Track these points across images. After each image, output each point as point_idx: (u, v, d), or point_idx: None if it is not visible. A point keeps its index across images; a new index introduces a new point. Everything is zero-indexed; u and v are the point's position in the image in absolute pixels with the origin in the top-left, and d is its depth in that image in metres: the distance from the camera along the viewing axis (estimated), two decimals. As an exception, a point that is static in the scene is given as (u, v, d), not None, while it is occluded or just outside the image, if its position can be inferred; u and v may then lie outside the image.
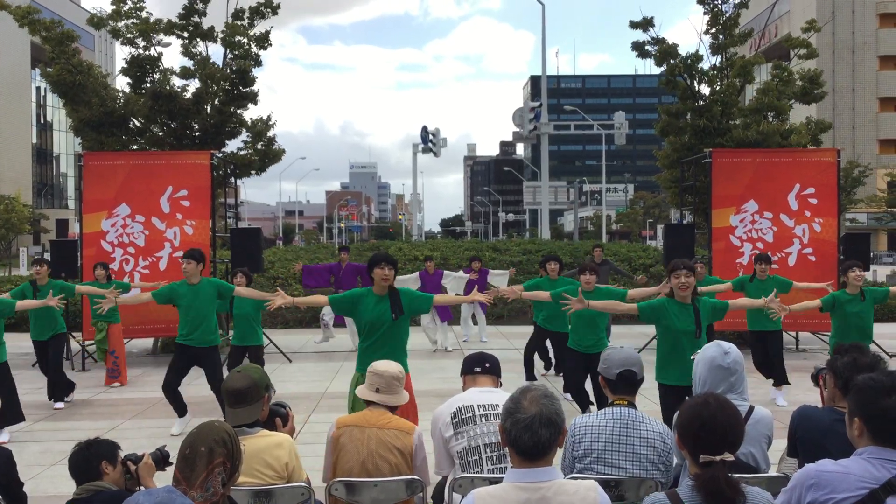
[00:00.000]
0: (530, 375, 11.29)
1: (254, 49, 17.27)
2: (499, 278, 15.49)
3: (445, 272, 15.61)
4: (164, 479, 3.53)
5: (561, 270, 11.21)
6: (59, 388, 10.29)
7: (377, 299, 6.31)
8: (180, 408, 8.93)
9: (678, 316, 6.41)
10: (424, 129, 44.64)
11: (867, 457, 2.88)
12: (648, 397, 9.80)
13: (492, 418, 4.23)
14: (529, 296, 9.32)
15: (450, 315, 15.55)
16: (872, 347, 8.61)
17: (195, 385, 10.73)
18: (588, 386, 8.99)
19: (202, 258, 8.76)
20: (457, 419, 4.31)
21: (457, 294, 14.77)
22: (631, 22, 18.22)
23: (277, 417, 4.25)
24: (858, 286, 8.39)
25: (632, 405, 4.09)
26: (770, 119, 17.75)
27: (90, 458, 3.75)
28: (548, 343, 11.69)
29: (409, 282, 15.25)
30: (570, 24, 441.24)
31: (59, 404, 10.25)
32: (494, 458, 4.18)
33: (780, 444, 4.44)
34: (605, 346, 8.89)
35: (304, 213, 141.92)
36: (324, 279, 14.96)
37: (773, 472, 4.18)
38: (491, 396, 4.37)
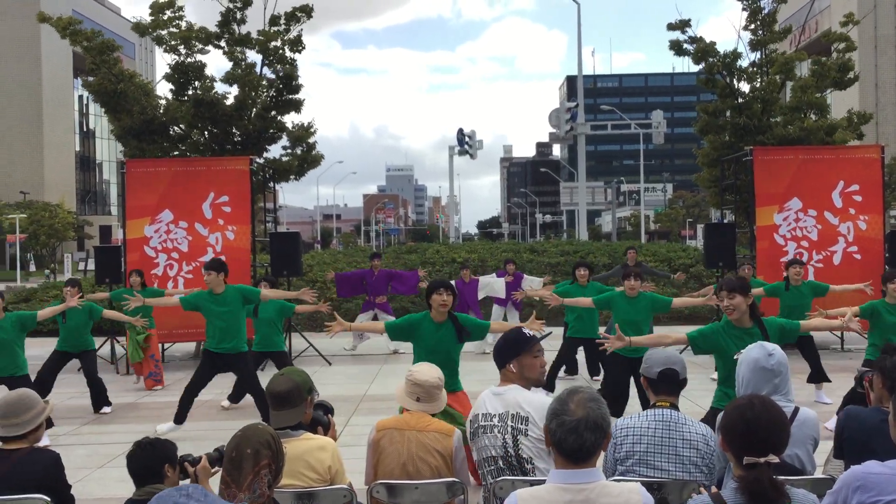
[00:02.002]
0: (550, 388, 10.92)
1: (288, 53, 17.43)
2: (533, 284, 15.13)
3: (481, 280, 14.94)
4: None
5: (591, 275, 11.10)
6: (102, 395, 10.46)
7: (436, 326, 6.25)
8: (182, 415, 8.88)
9: (739, 343, 5.25)
10: (461, 131, 44.70)
11: (915, 458, 2.83)
12: (690, 398, 9.72)
13: (488, 430, 4.20)
14: (570, 302, 9.24)
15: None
16: None
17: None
18: (633, 394, 8.86)
19: (222, 267, 8.84)
20: (470, 431, 4.34)
21: (498, 300, 14.69)
22: (668, 24, 18.15)
23: (319, 426, 4.28)
24: None
25: (674, 406, 4.06)
26: (811, 116, 17.51)
27: (154, 460, 3.75)
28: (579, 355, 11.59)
29: None
30: (603, 23, 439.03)
31: (107, 409, 10.42)
32: (495, 470, 4.16)
33: (825, 446, 4.38)
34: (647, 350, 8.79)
35: (342, 217, 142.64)
36: (357, 287, 15.01)
37: (818, 473, 4.12)
38: (494, 402, 4.28)
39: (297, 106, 17.32)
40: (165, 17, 17.06)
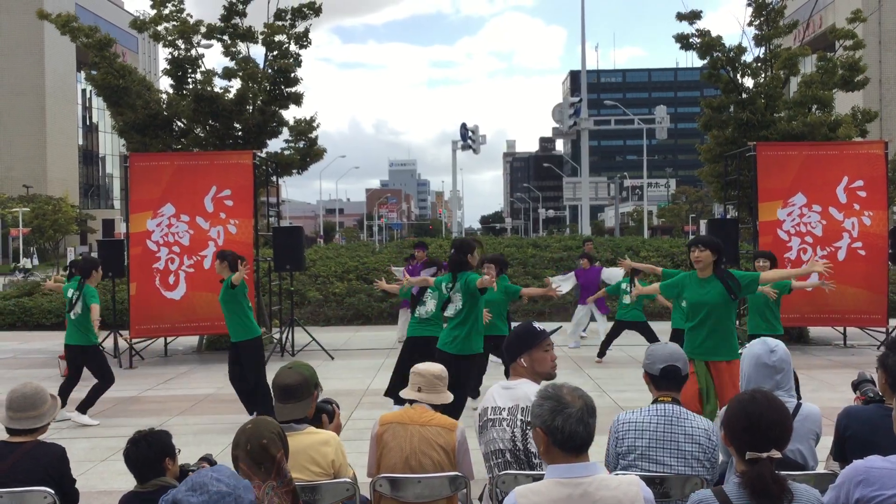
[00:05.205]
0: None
1: (293, 48, 17.35)
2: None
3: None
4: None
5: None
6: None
7: (700, 282, 6.87)
8: (249, 403, 9.02)
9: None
10: (464, 125, 44.52)
11: (918, 454, 2.83)
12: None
13: (497, 424, 4.22)
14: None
15: None
16: None
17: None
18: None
19: (225, 257, 8.95)
20: (480, 423, 4.36)
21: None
22: (678, 14, 18.04)
23: (324, 414, 4.29)
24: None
25: (676, 401, 4.06)
26: (815, 111, 17.44)
27: (153, 456, 3.66)
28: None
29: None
30: (602, 18, 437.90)
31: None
32: (502, 464, 4.18)
33: (827, 441, 4.37)
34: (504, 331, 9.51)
35: (345, 212, 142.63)
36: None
37: (820, 469, 4.13)
38: (504, 396, 4.31)
39: (296, 99, 17.25)
40: (166, 11, 16.98)
